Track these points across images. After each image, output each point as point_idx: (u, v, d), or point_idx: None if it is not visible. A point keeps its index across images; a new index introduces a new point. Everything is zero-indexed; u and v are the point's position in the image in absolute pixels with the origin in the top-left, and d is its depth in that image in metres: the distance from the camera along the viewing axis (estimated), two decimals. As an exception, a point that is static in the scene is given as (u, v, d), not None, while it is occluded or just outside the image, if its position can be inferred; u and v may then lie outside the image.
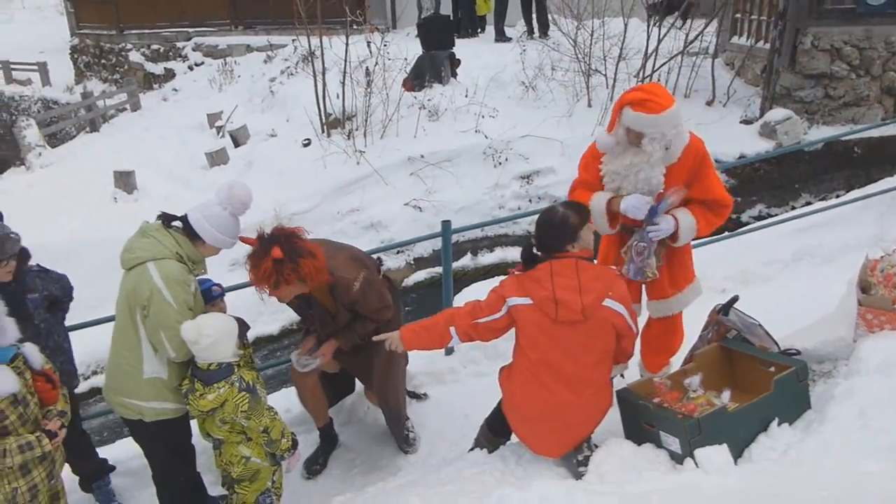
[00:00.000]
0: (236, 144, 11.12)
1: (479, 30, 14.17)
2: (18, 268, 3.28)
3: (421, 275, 8.94)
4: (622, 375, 3.96)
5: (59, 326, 3.59)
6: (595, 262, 3.54)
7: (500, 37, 13.18)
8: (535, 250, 3.15)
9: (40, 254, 3.80)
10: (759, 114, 10.05)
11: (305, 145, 10.29)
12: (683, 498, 2.44)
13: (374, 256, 4.00)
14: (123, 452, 4.08)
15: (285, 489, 3.57)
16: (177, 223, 3.19)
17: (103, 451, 4.07)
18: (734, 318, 3.60)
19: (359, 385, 4.35)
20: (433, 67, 11.17)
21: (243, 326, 3.32)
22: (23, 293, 3.35)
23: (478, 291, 4.61)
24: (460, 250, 9.00)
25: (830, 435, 2.76)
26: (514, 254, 8.84)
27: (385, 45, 10.45)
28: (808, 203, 9.15)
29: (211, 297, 3.42)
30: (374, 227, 8.92)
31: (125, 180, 10.13)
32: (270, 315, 7.65)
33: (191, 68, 16.63)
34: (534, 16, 13.05)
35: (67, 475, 3.78)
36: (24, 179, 11.48)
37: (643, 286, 3.76)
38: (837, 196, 8.32)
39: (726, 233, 6.20)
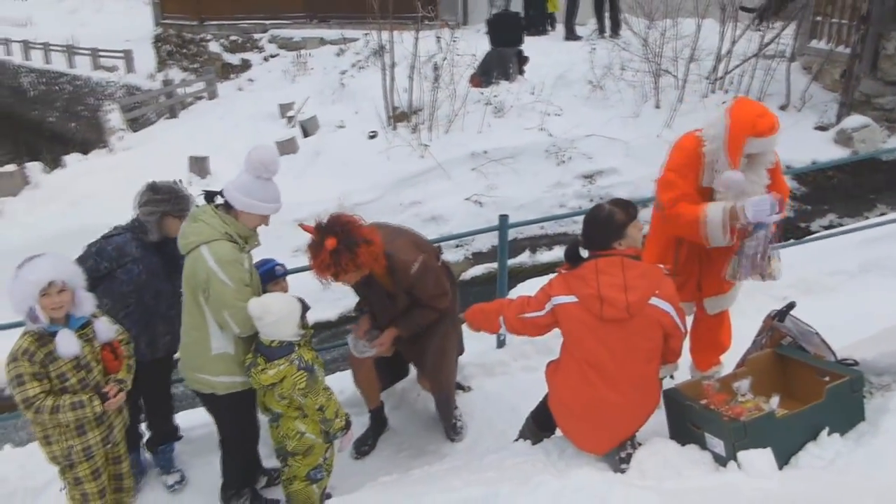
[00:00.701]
0: (306, 134, 11.41)
1: (549, 27, 14.12)
2: None
3: (479, 269, 9.02)
4: (671, 377, 3.95)
5: None
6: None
7: (571, 35, 13.11)
8: (580, 249, 3.18)
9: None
10: (835, 120, 9.73)
11: (372, 137, 10.49)
12: (723, 499, 2.44)
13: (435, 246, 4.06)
14: (185, 422, 4.28)
15: (335, 467, 3.68)
16: (219, 199, 3.29)
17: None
18: (790, 325, 3.54)
19: (411, 371, 4.45)
20: (501, 64, 11.21)
21: (304, 307, 3.46)
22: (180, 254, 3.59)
23: (532, 287, 4.64)
24: (519, 247, 9.03)
25: (882, 446, 2.70)
26: (572, 253, 8.80)
27: (454, 41, 10.55)
28: (883, 214, 8.80)
29: (274, 276, 3.57)
30: (434, 220, 9.03)
31: (199, 165, 10.53)
32: (330, 301, 7.84)
33: (266, 59, 17.12)
34: (606, 14, 12.93)
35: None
36: (107, 161, 12.03)
37: (698, 285, 3.76)
38: (916, 208, 7.99)
39: (791, 240, 6.05)
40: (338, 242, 3.20)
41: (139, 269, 3.60)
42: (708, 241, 3.42)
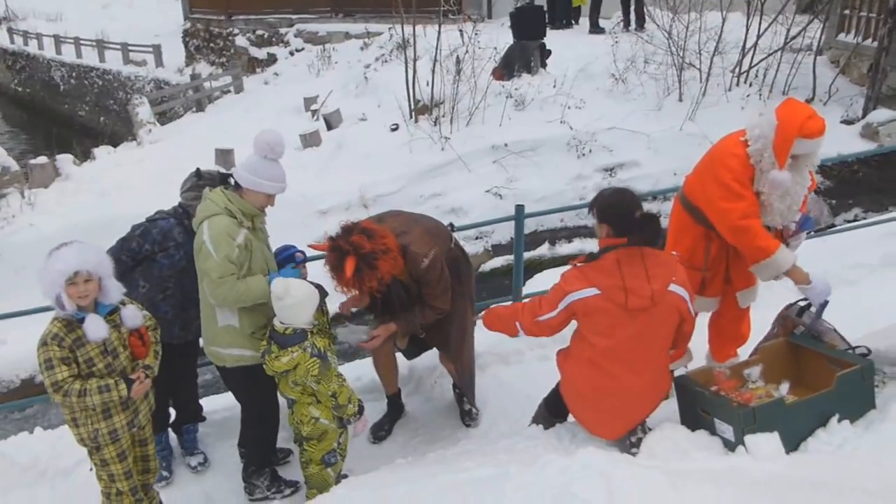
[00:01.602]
0: (329, 127, 11.51)
1: (573, 21, 14.07)
2: None
3: (498, 261, 9.09)
4: (685, 368, 3.97)
5: None
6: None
7: (595, 28, 13.06)
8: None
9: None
10: (861, 114, 9.61)
11: (393, 130, 10.58)
12: (728, 479, 2.47)
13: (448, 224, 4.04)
14: (209, 406, 4.39)
15: (351, 451, 3.77)
16: (231, 180, 3.46)
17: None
18: (807, 321, 3.54)
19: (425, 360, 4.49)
20: (523, 57, 11.22)
21: (323, 293, 3.54)
22: None
23: (548, 278, 4.69)
24: (538, 240, 9.07)
25: (890, 433, 2.72)
26: (591, 245, 8.82)
27: (476, 34, 10.58)
28: (909, 208, 8.66)
29: (294, 263, 3.65)
30: (454, 213, 9.09)
31: (225, 158, 10.67)
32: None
33: (292, 54, 17.29)
34: (631, 7, 12.87)
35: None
36: (135, 154, 12.24)
37: (725, 279, 3.79)
38: (943, 203, 7.87)
39: (812, 233, 6.00)
40: (357, 262, 3.23)
41: (180, 255, 3.69)
42: (753, 267, 3.49)
